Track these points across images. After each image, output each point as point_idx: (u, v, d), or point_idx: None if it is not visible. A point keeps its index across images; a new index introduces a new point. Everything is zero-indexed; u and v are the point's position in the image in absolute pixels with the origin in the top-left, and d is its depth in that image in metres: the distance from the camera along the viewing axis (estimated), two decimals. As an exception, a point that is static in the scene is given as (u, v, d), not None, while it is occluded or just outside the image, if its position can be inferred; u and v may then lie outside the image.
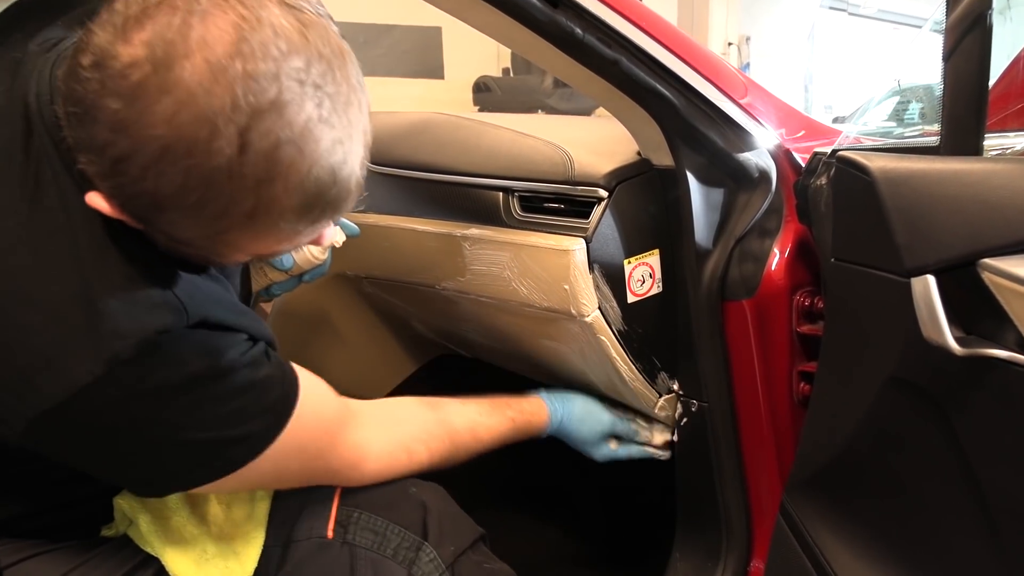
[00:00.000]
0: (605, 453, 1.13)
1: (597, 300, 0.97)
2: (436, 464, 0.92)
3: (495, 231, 1.05)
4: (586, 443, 1.12)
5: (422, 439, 0.91)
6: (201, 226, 0.58)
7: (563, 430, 1.11)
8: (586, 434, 1.12)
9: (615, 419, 1.13)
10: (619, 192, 0.97)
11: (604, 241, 0.96)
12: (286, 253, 0.68)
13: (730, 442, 1.06)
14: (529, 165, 1.05)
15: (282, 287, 1.05)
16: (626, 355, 1.02)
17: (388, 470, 0.87)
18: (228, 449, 0.69)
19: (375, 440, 0.86)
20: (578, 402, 1.13)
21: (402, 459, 0.88)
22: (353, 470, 0.83)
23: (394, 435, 0.88)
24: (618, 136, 1.08)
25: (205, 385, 0.65)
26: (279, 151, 0.56)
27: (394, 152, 1.27)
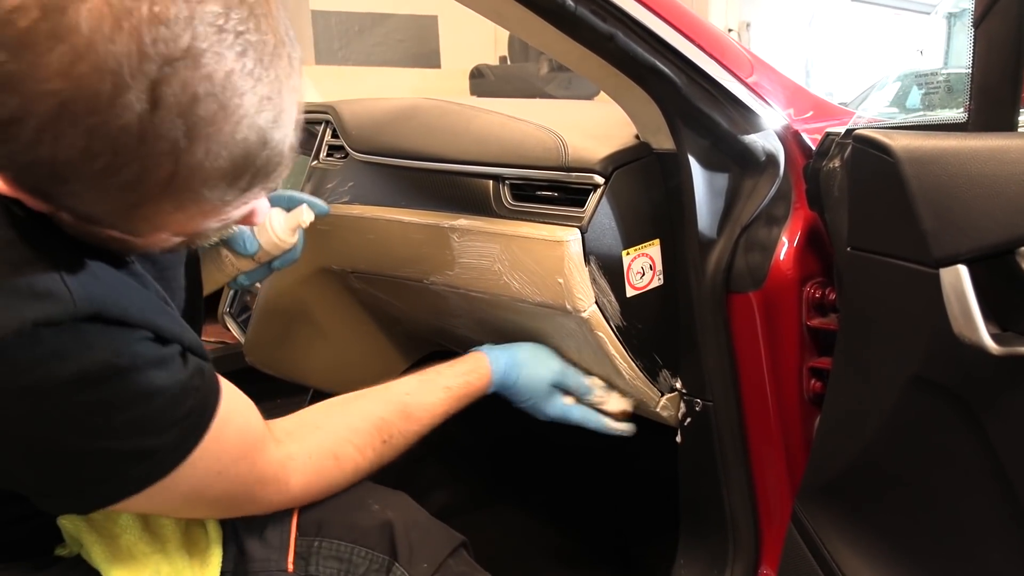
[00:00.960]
0: (557, 409, 1.01)
1: (594, 294, 0.90)
2: (374, 460, 0.83)
3: (485, 221, 0.98)
4: (534, 394, 1.00)
5: (347, 439, 0.81)
6: (111, 198, 0.52)
7: (507, 381, 0.99)
8: (534, 382, 0.99)
9: (565, 367, 1.01)
10: (616, 178, 0.90)
11: (601, 231, 0.90)
12: (216, 230, 0.60)
13: (736, 443, 1.00)
14: (520, 151, 0.98)
15: (251, 276, 0.99)
16: (626, 352, 0.95)
17: (317, 483, 0.77)
18: (130, 464, 0.61)
19: (296, 454, 0.76)
20: (525, 348, 1.02)
21: (330, 466, 0.78)
22: (279, 492, 0.74)
23: (315, 443, 0.78)
24: (615, 119, 1.02)
25: (96, 386, 0.57)
26: (198, 107, 0.49)
27: (379, 139, 1.21)
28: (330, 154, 1.37)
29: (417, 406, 0.90)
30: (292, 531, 0.76)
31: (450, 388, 0.94)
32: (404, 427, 0.87)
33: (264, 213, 0.67)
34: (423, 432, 0.91)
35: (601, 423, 1.03)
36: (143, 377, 0.59)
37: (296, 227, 0.97)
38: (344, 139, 1.28)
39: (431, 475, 1.60)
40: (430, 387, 0.93)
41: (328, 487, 0.79)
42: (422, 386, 0.93)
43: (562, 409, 1.02)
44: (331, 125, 1.38)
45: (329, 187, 1.29)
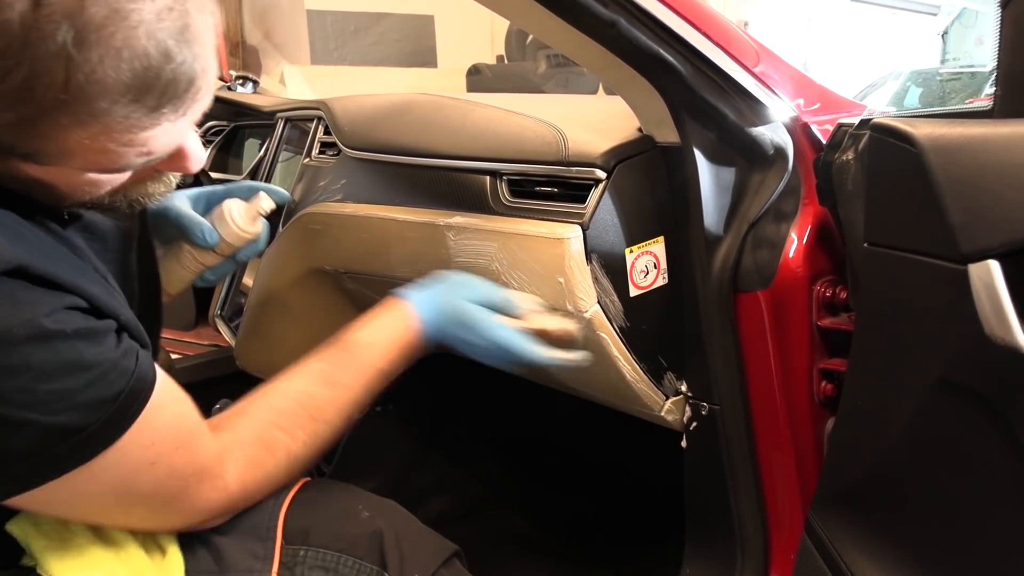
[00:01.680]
0: (498, 332, 0.83)
1: (596, 294, 0.86)
2: (309, 442, 0.76)
3: (482, 219, 0.95)
4: (461, 321, 0.84)
5: (273, 423, 0.74)
6: (5, 108, 0.49)
7: (439, 319, 0.84)
8: (456, 307, 0.84)
9: (495, 287, 0.86)
10: (619, 173, 0.86)
11: (603, 228, 0.86)
12: (138, 163, 0.57)
13: (744, 448, 0.96)
14: (518, 145, 0.94)
15: (216, 271, 0.95)
16: (629, 354, 0.91)
17: (253, 476, 0.72)
18: (55, 440, 0.56)
19: (229, 444, 0.70)
20: (446, 276, 0.88)
21: (263, 456, 0.72)
22: (215, 489, 0.69)
23: (245, 432, 0.72)
24: (616, 112, 0.98)
25: (20, 347, 0.53)
26: (86, 8, 0.48)
27: (372, 135, 1.17)
28: (322, 151, 1.33)
29: (341, 372, 0.80)
30: (278, 539, 0.72)
31: (373, 344, 0.82)
32: (332, 397, 0.78)
33: (197, 160, 0.64)
34: (359, 399, 0.80)
35: (533, 352, 0.84)
36: (72, 347, 0.55)
37: (256, 215, 0.93)
38: (336, 135, 1.24)
39: (424, 481, 1.56)
40: (350, 348, 0.82)
41: (265, 480, 0.73)
42: (341, 352, 0.82)
43: (502, 331, 0.83)
44: (323, 122, 1.35)
45: (321, 185, 1.25)
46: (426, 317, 0.85)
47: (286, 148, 1.63)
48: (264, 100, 1.80)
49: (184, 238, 0.92)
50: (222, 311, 1.63)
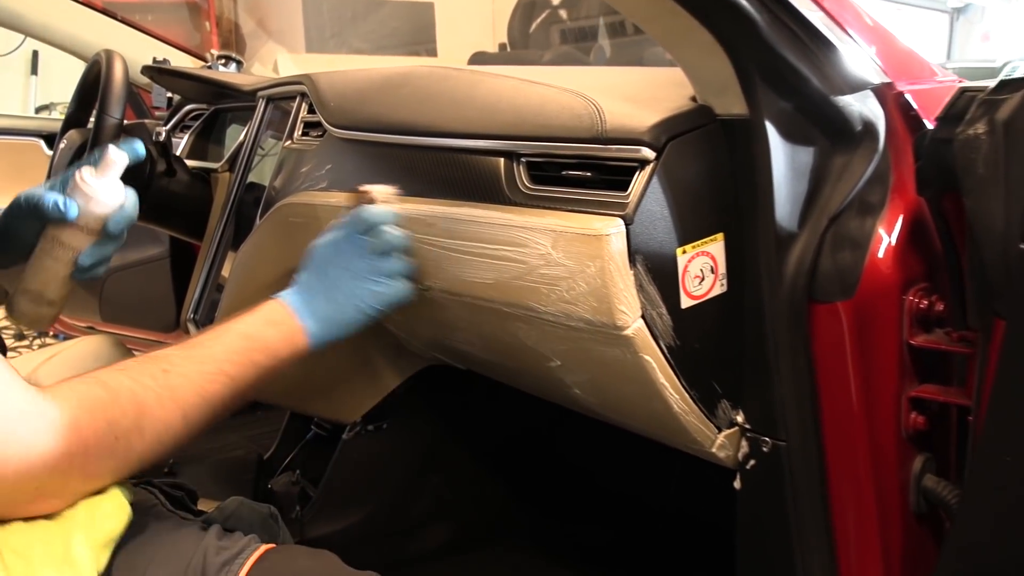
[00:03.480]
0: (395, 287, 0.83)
1: (640, 305, 0.69)
2: (159, 393, 0.67)
3: (495, 211, 0.77)
4: (375, 295, 0.82)
5: (117, 369, 0.67)
6: None
7: (328, 315, 0.81)
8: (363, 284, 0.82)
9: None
10: (670, 152, 0.68)
11: (650, 222, 0.68)
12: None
13: (815, 494, 0.78)
14: (540, 119, 0.76)
15: (93, 255, 0.84)
16: (678, 380, 0.73)
17: (91, 416, 0.62)
18: None
19: (55, 388, 0.62)
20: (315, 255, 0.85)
21: (100, 394, 0.63)
22: (41, 420, 0.59)
23: (74, 381, 0.64)
24: (658, 81, 0.80)
25: None
26: None
27: (362, 111, 0.99)
28: (305, 133, 1.15)
29: (201, 340, 0.74)
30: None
31: (248, 335, 0.76)
32: (187, 355, 0.71)
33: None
34: (224, 370, 0.72)
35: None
36: None
37: (108, 171, 0.82)
38: (321, 112, 1.06)
39: (422, 508, 1.39)
40: (221, 333, 0.76)
41: (107, 424, 0.62)
42: (209, 334, 0.76)
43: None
44: (307, 99, 1.17)
45: (303, 171, 1.08)
46: (322, 319, 0.81)
47: (271, 135, 1.44)
48: (245, 79, 1.62)
49: (45, 222, 0.83)
50: (195, 314, 1.45)
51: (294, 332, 0.79)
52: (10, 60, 4.71)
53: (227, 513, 0.78)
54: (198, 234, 1.52)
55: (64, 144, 1.51)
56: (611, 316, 0.68)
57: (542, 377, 0.89)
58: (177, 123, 1.92)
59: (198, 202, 1.53)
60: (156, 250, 2.29)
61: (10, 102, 4.80)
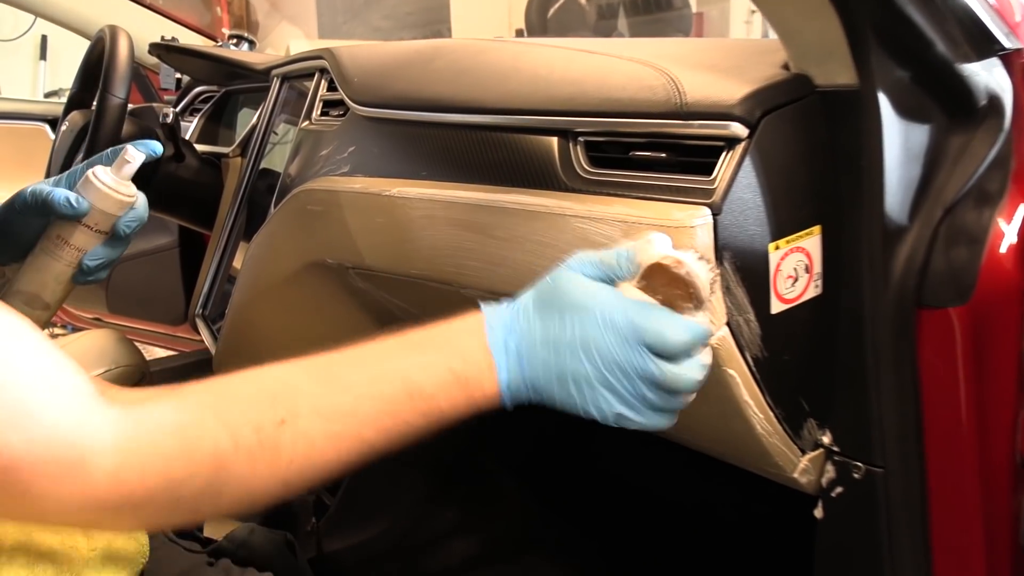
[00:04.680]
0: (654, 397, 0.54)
1: (726, 311, 0.58)
2: (254, 451, 0.48)
3: (548, 198, 0.66)
4: (606, 389, 0.53)
5: (212, 406, 0.49)
6: None
7: (540, 383, 0.54)
8: (593, 367, 0.52)
9: (635, 303, 0.51)
10: (765, 128, 0.57)
11: (741, 211, 0.57)
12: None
13: (915, 528, 0.67)
14: (603, 92, 0.66)
15: (98, 255, 0.78)
16: (763, 397, 0.63)
17: (140, 466, 0.45)
18: None
19: (120, 420, 0.46)
20: (544, 289, 0.54)
21: (169, 444, 0.46)
22: (73, 477, 0.44)
23: (162, 411, 0.48)
24: (735, 49, 0.70)
25: None
26: None
27: (390, 87, 0.89)
28: (325, 112, 1.04)
29: (342, 378, 0.53)
30: None
31: (418, 390, 0.53)
32: (318, 399, 0.51)
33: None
34: (369, 421, 0.52)
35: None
36: None
37: (123, 169, 0.78)
38: (343, 89, 0.96)
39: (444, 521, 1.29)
40: (382, 373, 0.54)
41: (165, 478, 0.46)
42: (365, 366, 0.54)
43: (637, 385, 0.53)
44: (327, 75, 1.06)
45: (323, 155, 0.97)
46: (528, 378, 0.55)
47: (286, 119, 1.34)
48: (258, 57, 1.52)
49: (49, 218, 0.78)
50: (204, 309, 1.36)
51: (482, 389, 0.55)
52: (19, 45, 4.64)
53: (238, 542, 0.69)
54: (208, 223, 1.42)
55: (66, 126, 1.42)
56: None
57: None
58: (187, 106, 1.83)
59: (208, 189, 1.43)
60: (165, 240, 2.21)
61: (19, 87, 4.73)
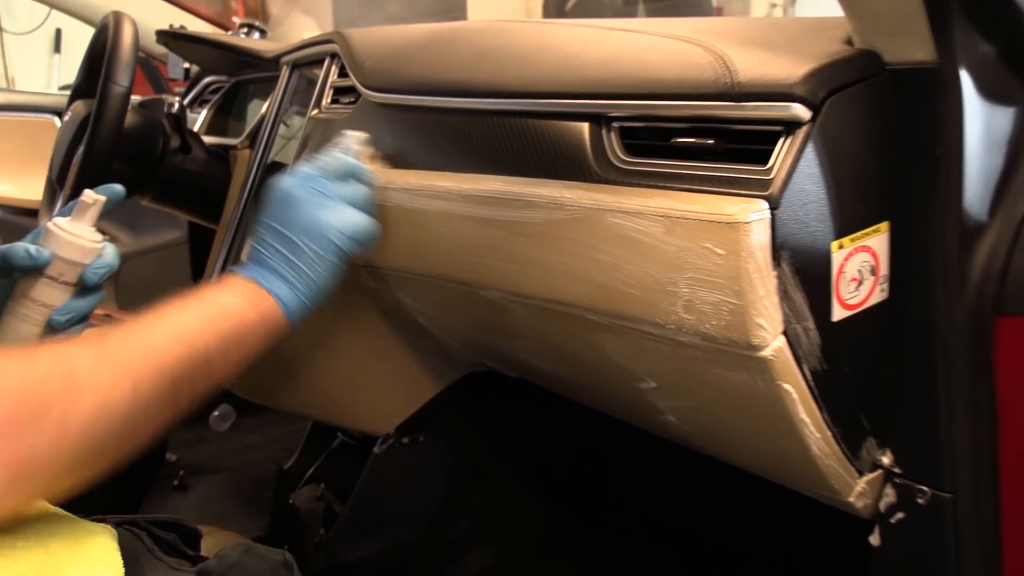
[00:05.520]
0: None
1: (783, 318, 0.51)
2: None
3: (578, 190, 0.60)
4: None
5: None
6: None
7: (297, 276, 0.72)
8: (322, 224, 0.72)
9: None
10: (830, 111, 0.50)
11: (802, 205, 0.50)
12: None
13: (988, 561, 0.60)
14: (640, 72, 0.59)
15: (69, 311, 0.72)
16: (820, 415, 0.56)
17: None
18: None
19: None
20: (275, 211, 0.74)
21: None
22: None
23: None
24: (787, 25, 0.63)
25: None
26: None
27: (405, 71, 0.82)
28: (335, 100, 0.98)
29: (146, 320, 0.63)
30: None
31: (207, 303, 0.67)
32: (129, 329, 0.61)
33: None
34: (178, 347, 0.61)
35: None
36: None
37: (84, 215, 0.73)
38: (354, 74, 0.90)
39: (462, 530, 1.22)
40: (172, 310, 0.65)
41: (19, 388, 0.49)
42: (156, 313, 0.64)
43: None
44: (338, 60, 1.00)
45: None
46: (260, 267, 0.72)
47: (296, 111, 1.28)
48: (268, 45, 1.46)
49: (12, 277, 0.73)
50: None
51: (262, 300, 0.69)
52: (33, 38, 4.61)
53: (228, 563, 0.63)
54: (214, 217, 1.37)
55: (69, 116, 1.36)
56: (745, 332, 0.50)
57: (625, 399, 0.72)
58: (195, 97, 1.77)
59: (215, 182, 1.37)
60: (174, 235, 2.16)
61: (34, 80, 4.71)
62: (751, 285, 0.49)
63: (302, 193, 0.71)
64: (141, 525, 0.63)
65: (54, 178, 1.33)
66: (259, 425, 1.77)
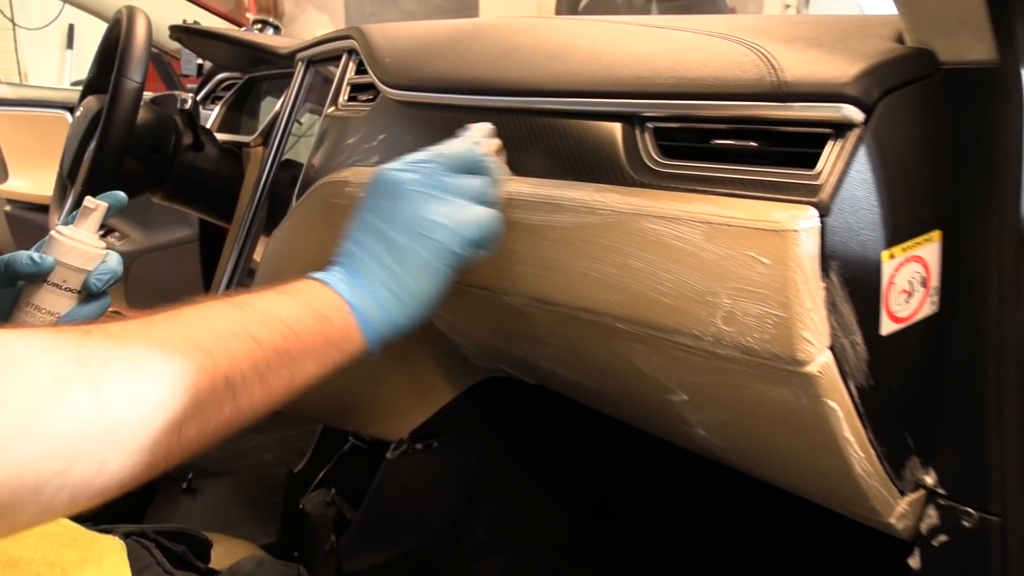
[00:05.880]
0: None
1: (830, 332, 0.48)
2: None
3: (611, 194, 0.57)
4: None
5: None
6: None
7: (393, 292, 0.59)
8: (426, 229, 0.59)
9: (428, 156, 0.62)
10: (884, 112, 0.48)
11: (853, 213, 0.47)
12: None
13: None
14: (678, 70, 0.56)
15: (73, 318, 0.70)
16: (864, 433, 0.53)
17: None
18: None
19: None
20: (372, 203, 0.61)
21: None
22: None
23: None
24: (833, 23, 0.60)
25: None
26: None
27: (426, 68, 0.80)
28: (353, 97, 0.96)
29: (187, 312, 0.51)
30: None
31: (271, 313, 0.53)
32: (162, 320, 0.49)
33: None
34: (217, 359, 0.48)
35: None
36: None
37: (85, 220, 0.72)
38: (373, 70, 0.87)
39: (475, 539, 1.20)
40: (232, 305, 0.53)
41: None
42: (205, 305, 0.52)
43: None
44: (355, 56, 0.98)
45: (350, 143, 0.89)
46: (388, 314, 0.59)
47: (310, 108, 1.26)
48: (283, 41, 1.43)
49: (16, 286, 0.71)
50: (221, 308, 1.27)
51: (335, 314, 0.56)
52: (45, 34, 4.61)
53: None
54: (227, 215, 1.35)
55: (80, 111, 1.35)
56: (790, 346, 0.48)
57: (652, 410, 0.70)
58: (208, 93, 1.75)
59: (227, 180, 1.35)
60: (185, 232, 2.14)
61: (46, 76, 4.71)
62: (798, 297, 0.46)
63: (414, 185, 0.59)
64: (150, 536, 0.61)
65: (65, 174, 1.31)
66: (268, 425, 1.75)
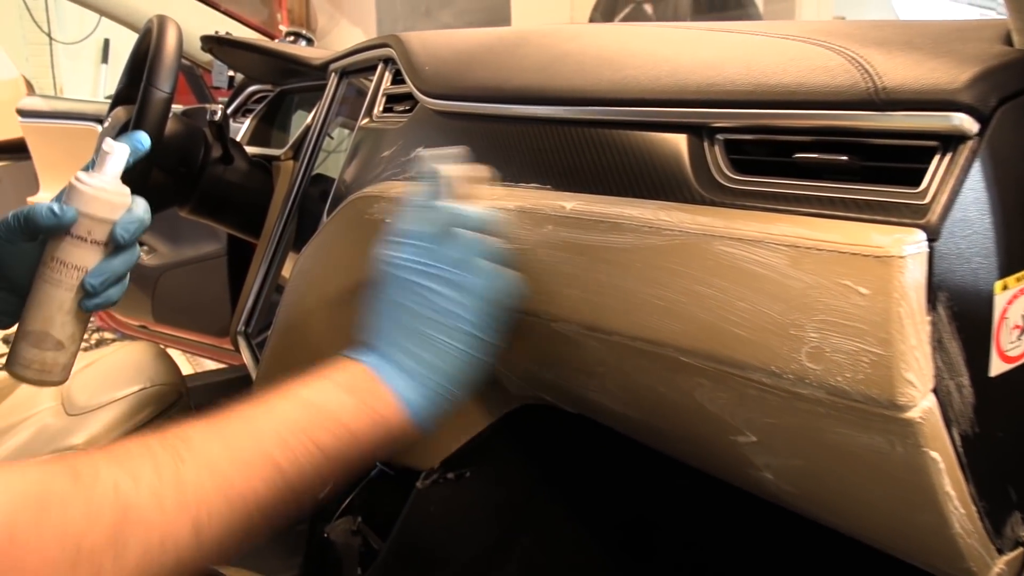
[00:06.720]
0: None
1: (935, 373, 0.42)
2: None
3: (677, 213, 0.51)
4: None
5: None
6: None
7: (426, 368, 0.56)
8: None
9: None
10: (1000, 122, 0.42)
11: (965, 236, 0.41)
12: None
13: None
14: (753, 76, 0.51)
15: (102, 272, 0.66)
16: (966, 487, 0.47)
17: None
18: None
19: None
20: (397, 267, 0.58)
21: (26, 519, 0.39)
22: None
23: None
24: (923, 27, 0.54)
25: None
26: None
27: (467, 77, 0.75)
28: (388, 108, 0.91)
29: (237, 416, 0.50)
30: None
31: (313, 404, 0.53)
32: (215, 435, 0.48)
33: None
34: (265, 470, 0.48)
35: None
36: None
37: (104, 165, 0.67)
38: (412, 80, 0.83)
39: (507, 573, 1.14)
40: (274, 400, 0.52)
41: (60, 527, 0.39)
42: (254, 403, 0.51)
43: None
44: (392, 65, 0.93)
45: (385, 156, 0.84)
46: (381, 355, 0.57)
47: (342, 122, 1.22)
48: (315, 52, 1.40)
49: (39, 240, 0.68)
50: (247, 327, 1.23)
51: (381, 400, 0.54)
52: (81, 48, 4.67)
53: None
54: (255, 231, 1.31)
55: (109, 122, 1.32)
56: (889, 389, 0.42)
57: (713, 451, 0.63)
58: (239, 106, 1.72)
59: (256, 194, 1.31)
60: (213, 247, 2.12)
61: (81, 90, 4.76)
62: (901, 333, 0.40)
63: (401, 281, 0.57)
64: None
65: (91, 186, 1.28)
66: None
